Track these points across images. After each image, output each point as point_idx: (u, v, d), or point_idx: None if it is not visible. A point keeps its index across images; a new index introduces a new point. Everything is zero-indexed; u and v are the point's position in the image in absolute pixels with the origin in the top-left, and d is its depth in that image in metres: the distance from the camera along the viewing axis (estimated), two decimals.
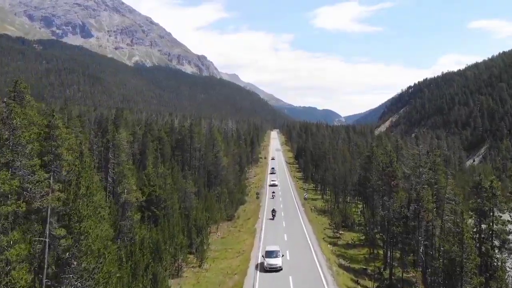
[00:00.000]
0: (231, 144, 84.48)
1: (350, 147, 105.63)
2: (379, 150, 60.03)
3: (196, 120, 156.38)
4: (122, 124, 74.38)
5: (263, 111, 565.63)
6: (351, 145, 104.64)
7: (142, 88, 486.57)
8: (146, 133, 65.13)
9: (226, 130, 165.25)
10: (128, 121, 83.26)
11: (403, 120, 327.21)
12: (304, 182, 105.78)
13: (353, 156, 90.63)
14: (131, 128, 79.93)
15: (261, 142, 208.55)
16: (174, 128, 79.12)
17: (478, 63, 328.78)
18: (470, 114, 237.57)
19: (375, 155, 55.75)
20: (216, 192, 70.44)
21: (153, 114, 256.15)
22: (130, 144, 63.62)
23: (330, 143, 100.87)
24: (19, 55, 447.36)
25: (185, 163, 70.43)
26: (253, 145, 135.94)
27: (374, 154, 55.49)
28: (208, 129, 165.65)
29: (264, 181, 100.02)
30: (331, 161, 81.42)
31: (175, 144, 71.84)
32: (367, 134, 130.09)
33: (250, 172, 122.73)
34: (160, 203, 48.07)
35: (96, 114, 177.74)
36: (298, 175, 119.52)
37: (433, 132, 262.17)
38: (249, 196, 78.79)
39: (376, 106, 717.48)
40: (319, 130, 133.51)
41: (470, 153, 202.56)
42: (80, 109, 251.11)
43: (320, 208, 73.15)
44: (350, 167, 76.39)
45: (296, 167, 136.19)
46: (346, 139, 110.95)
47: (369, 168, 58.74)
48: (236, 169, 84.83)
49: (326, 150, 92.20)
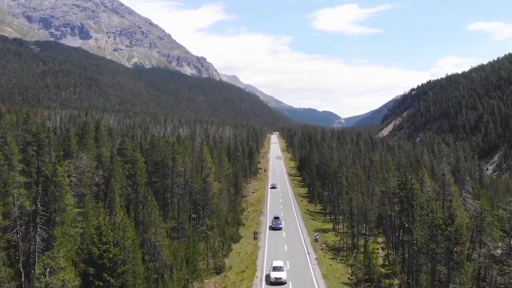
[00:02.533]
0: (225, 163, 69.72)
1: (362, 161, 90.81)
2: (423, 195, 43.70)
3: (190, 132, 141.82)
4: (89, 142, 59.51)
5: (262, 113, 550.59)
6: (363, 160, 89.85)
7: (140, 90, 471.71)
8: (112, 157, 50.21)
9: (222, 137, 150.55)
10: (102, 134, 68.47)
11: (406, 123, 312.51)
12: (309, 202, 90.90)
13: (369, 175, 75.85)
14: (103, 145, 65.08)
15: (260, 149, 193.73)
16: (155, 143, 64.21)
17: (484, 65, 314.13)
18: (480, 118, 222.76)
19: (416, 197, 39.62)
20: (204, 228, 55.70)
21: (147, 118, 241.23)
22: (93, 172, 48.86)
23: (340, 159, 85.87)
24: (16, 56, 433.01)
25: (165, 191, 55.62)
26: (252, 156, 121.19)
27: (414, 196, 39.71)
28: (203, 137, 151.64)
29: (263, 202, 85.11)
30: (344, 183, 66.68)
31: (153, 168, 57.03)
32: (377, 143, 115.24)
33: (249, 187, 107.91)
34: (117, 267, 33.39)
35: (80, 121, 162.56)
36: (302, 191, 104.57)
37: (439, 136, 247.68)
38: (246, 227, 64.02)
39: (377, 108, 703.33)
40: (324, 139, 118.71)
41: (482, 160, 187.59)
42: (70, 113, 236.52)
43: (332, 245, 58.34)
44: (369, 194, 61.57)
45: (299, 180, 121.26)
46: (356, 153, 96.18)
47: (405, 211, 43.16)
48: (231, 193, 70.11)
49: (336, 168, 77.31)
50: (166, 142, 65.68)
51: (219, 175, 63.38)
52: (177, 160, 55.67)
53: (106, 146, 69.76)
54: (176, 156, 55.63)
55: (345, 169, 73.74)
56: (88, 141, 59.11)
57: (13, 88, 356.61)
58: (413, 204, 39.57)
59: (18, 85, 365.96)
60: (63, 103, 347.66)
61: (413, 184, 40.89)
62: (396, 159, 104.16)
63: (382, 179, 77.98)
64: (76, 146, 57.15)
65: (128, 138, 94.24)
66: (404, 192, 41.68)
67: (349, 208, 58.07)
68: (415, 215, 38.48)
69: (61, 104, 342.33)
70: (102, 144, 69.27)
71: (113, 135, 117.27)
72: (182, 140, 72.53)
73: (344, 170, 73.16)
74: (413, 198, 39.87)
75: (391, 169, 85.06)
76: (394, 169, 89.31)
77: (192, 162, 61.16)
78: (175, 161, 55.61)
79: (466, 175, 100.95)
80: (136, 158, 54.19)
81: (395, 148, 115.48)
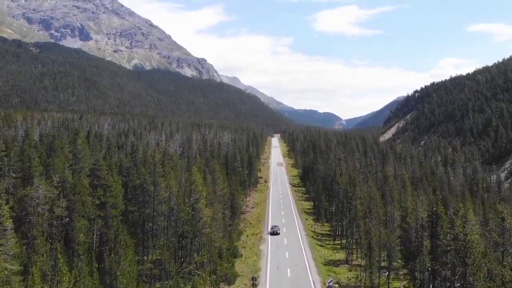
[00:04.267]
0: (219, 182, 59.36)
1: (373, 174, 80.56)
2: (478, 247, 31.95)
3: (186, 137, 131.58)
4: (56, 163, 49.21)
5: (263, 115, 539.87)
6: (374, 173, 79.52)
7: (139, 92, 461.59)
8: (75, 185, 39.68)
9: (221, 143, 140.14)
10: (78, 150, 58.14)
11: (410, 126, 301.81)
12: (315, 221, 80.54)
13: (384, 193, 65.63)
14: (78, 161, 54.82)
15: (261, 154, 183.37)
16: (138, 160, 53.86)
17: (489, 66, 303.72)
18: (488, 122, 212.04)
19: (471, 252, 28.41)
20: (192, 267, 45.42)
21: (144, 121, 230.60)
22: (51, 204, 38.56)
23: (349, 174, 75.34)
24: (14, 58, 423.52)
25: (145, 223, 45.35)
26: (252, 166, 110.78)
27: (468, 251, 28.47)
28: (199, 143, 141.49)
29: (264, 221, 74.72)
30: (358, 208, 56.29)
31: (130, 195, 46.80)
32: (387, 153, 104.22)
33: (248, 201, 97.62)
34: None
35: (73, 125, 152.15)
36: (306, 205, 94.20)
37: (445, 140, 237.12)
38: (243, 260, 53.76)
39: (378, 109, 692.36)
40: (330, 148, 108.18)
41: (493, 167, 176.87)
42: (65, 116, 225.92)
43: (346, 284, 48.03)
44: (389, 221, 51.27)
45: (302, 192, 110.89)
46: (367, 165, 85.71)
47: (452, 266, 32.14)
48: (227, 216, 59.76)
49: (346, 186, 66.88)
50: (149, 160, 55.52)
51: (212, 199, 53.02)
52: (159, 185, 45.43)
53: (84, 161, 59.62)
54: (158, 180, 45.35)
55: (357, 187, 63.33)
56: (55, 160, 48.85)
57: (11, 90, 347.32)
58: (467, 263, 28.98)
59: (15, 87, 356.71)
60: (61, 105, 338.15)
61: (467, 234, 30.08)
62: (410, 170, 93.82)
63: (398, 197, 67.70)
64: (39, 168, 46.95)
65: (109, 153, 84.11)
66: (454, 244, 30.85)
67: (367, 242, 47.63)
68: (469, 275, 27.96)
69: (59, 106, 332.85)
70: (79, 160, 59.15)
71: (102, 144, 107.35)
72: (170, 156, 62.14)
73: (356, 189, 62.73)
74: (467, 253, 29.23)
75: (407, 185, 74.79)
76: (410, 184, 79.06)
77: (180, 185, 50.90)
78: (157, 185, 45.36)
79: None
80: (109, 182, 43.90)
81: (407, 158, 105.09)
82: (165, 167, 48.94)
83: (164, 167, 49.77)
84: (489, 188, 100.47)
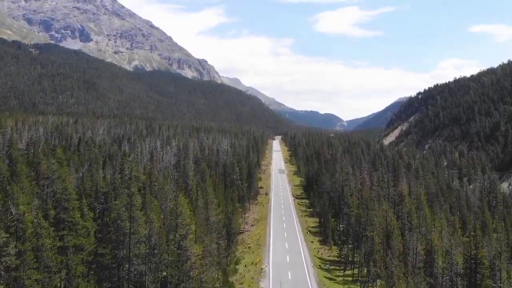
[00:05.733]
0: (212, 207, 50.57)
1: (386, 190, 71.79)
2: None
3: (183, 144, 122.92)
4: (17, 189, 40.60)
5: (264, 117, 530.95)
6: (387, 189, 70.79)
7: (140, 94, 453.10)
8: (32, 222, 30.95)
9: (219, 151, 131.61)
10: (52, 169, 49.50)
11: (414, 129, 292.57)
12: (321, 243, 71.82)
13: (402, 217, 56.97)
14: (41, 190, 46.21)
15: (262, 160, 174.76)
16: (117, 184, 45.10)
17: (494, 68, 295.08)
18: (496, 126, 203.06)
19: None
20: None
21: (142, 124, 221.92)
22: None
23: (361, 195, 66.50)
24: (13, 59, 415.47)
25: (119, 268, 36.69)
26: (252, 178, 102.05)
27: None
28: (197, 149, 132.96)
29: (265, 246, 66.05)
30: (375, 240, 47.72)
31: (100, 233, 38.24)
32: (398, 163, 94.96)
33: (247, 218, 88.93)
34: None
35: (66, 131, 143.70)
36: (312, 222, 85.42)
37: (450, 144, 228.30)
38: (244, 285, 45.30)
39: (380, 110, 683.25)
40: (336, 160, 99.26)
41: (503, 174, 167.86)
42: (60, 120, 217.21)
43: None
44: (413, 254, 42.66)
45: (306, 205, 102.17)
46: (380, 181, 76.51)
47: None
48: (222, 247, 51.13)
49: (357, 210, 58.14)
50: (137, 177, 46.95)
51: (203, 231, 44.32)
52: (137, 220, 36.79)
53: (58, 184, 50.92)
54: (136, 214, 36.73)
55: (372, 212, 54.59)
56: (15, 187, 40.15)
57: (9, 92, 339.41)
58: None
59: (14, 88, 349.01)
60: (59, 107, 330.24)
61: None
62: (422, 183, 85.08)
63: (417, 222, 58.97)
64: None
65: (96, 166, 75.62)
66: None
67: (389, 286, 38.96)
68: None
69: (57, 108, 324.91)
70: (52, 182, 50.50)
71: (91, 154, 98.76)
72: (155, 177, 53.47)
73: (370, 214, 54.00)
74: None
75: (424, 206, 66.10)
76: (426, 203, 70.34)
77: (164, 216, 42.26)
78: (134, 221, 36.73)
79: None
80: (75, 219, 35.28)
81: (418, 168, 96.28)
82: (145, 196, 40.42)
83: (145, 196, 41.25)
84: (508, 203, 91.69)
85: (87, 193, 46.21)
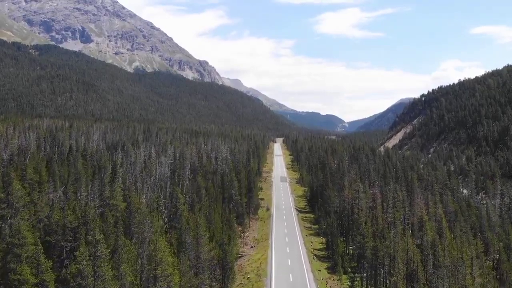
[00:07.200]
0: (204, 242, 42.36)
1: (402, 208, 63.73)
2: None
3: (180, 152, 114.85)
4: None
5: (265, 118, 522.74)
6: (403, 210, 62.77)
7: (139, 95, 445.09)
8: None
9: (218, 159, 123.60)
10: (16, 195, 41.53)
11: (418, 132, 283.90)
12: (330, 272, 63.53)
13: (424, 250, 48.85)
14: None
15: (262, 166, 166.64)
16: (89, 218, 36.93)
17: (499, 70, 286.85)
18: (505, 130, 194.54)
19: None
20: None
21: (140, 127, 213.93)
22: None
23: (369, 213, 58.44)
24: (12, 61, 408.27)
25: None
26: (252, 192, 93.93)
27: None
28: (194, 157, 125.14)
29: (266, 278, 57.99)
30: (397, 284, 39.82)
31: (61, 283, 30.16)
32: (412, 179, 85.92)
33: (247, 238, 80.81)
34: None
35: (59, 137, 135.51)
36: (317, 243, 77.09)
37: (456, 148, 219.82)
38: None
39: (381, 112, 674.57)
40: (344, 173, 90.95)
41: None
42: (55, 123, 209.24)
43: None
44: None
45: (311, 221, 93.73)
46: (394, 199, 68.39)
47: None
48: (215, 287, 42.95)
49: (373, 242, 50.07)
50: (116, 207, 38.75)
51: (189, 282, 35.98)
52: (102, 276, 28.68)
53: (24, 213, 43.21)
54: (100, 270, 28.62)
55: (389, 241, 46.49)
56: None
57: (7, 94, 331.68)
58: None
59: (12, 90, 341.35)
60: (58, 109, 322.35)
61: None
62: (441, 201, 76.76)
63: (442, 253, 50.79)
64: None
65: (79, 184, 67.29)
66: None
67: None
68: None
69: (56, 110, 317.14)
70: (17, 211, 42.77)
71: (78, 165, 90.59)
72: (137, 207, 45.02)
73: (387, 243, 45.88)
74: None
75: (447, 233, 57.87)
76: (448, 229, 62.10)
77: (139, 265, 34.09)
78: (99, 277, 28.63)
79: None
80: (24, 276, 27.22)
81: (433, 183, 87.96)
82: (118, 239, 32.32)
83: (117, 238, 33.15)
84: None
85: (53, 230, 38.10)
